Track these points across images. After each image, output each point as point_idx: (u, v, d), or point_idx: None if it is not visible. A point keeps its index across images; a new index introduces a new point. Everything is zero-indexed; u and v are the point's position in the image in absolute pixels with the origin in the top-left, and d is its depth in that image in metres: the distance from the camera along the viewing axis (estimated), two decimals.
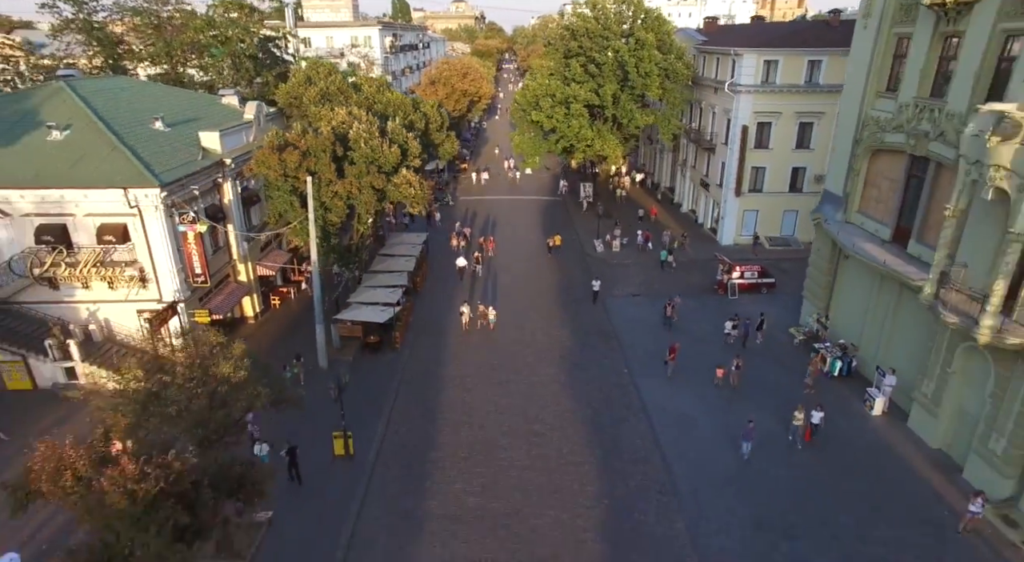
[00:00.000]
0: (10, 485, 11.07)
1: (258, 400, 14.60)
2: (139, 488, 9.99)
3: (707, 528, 17.30)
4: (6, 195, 22.49)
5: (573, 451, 20.75)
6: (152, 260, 23.72)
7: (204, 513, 11.10)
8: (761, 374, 25.06)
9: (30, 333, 23.30)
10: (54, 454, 10.99)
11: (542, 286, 34.86)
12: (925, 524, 17.25)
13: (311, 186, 23.40)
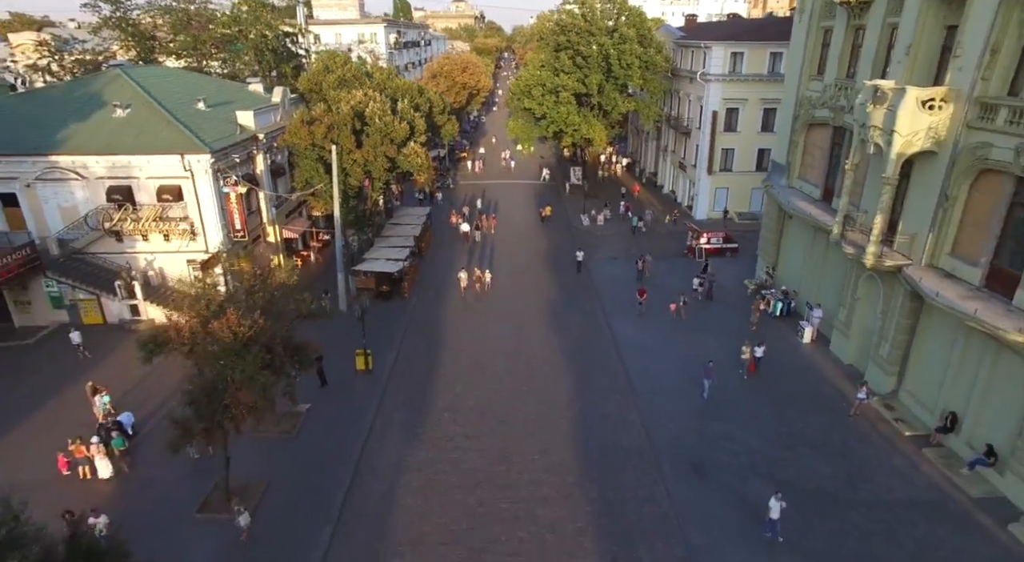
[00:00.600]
0: (142, 340, 15.85)
1: (303, 304, 19.33)
2: (239, 329, 14.78)
3: (656, 417, 22.04)
4: (84, 161, 27.36)
5: (553, 368, 25.53)
6: (201, 216, 28.57)
7: (278, 359, 15.90)
8: (718, 317, 29.86)
9: (101, 277, 28.13)
10: (174, 320, 15.81)
11: (533, 253, 39.66)
12: (828, 412, 22.03)
13: (336, 154, 28.25)
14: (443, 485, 18.77)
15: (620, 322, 29.46)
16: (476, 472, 19.32)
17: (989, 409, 18.31)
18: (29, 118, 28.79)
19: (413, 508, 17.82)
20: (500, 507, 17.85)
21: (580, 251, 36.84)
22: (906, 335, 21.69)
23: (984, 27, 17.63)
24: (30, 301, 27.80)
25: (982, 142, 17.94)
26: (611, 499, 18.09)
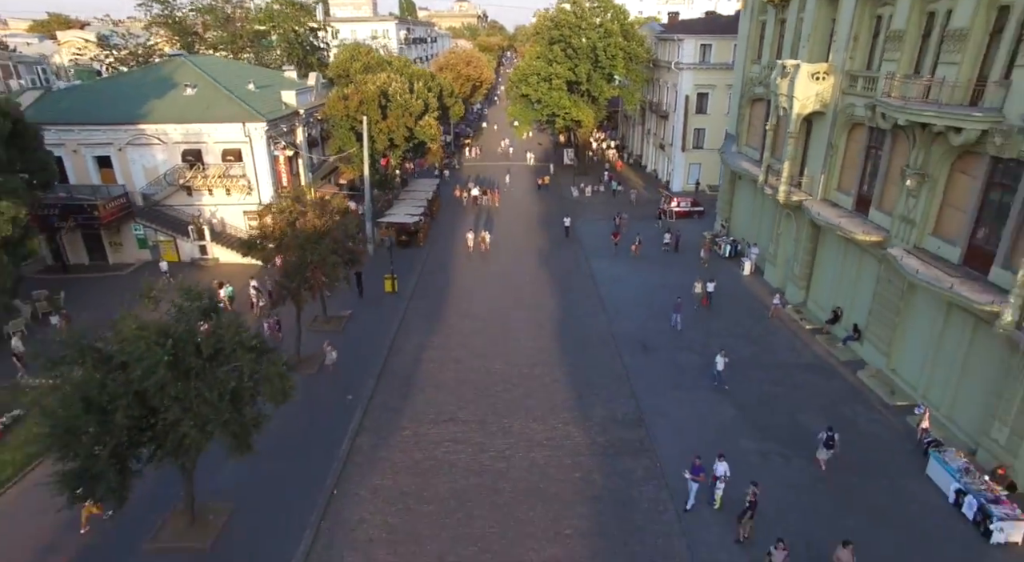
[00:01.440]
0: (244, 243, 22.88)
1: (352, 225, 26.37)
2: (319, 224, 21.86)
3: (618, 321, 28.90)
4: (164, 128, 34.47)
5: (542, 291, 32.49)
6: (256, 175, 35.65)
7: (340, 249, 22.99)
8: (680, 261, 36.75)
9: (176, 224, 35.22)
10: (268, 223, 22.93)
11: (528, 217, 46.62)
12: (753, 317, 28.92)
13: (366, 124, 35.34)
14: (455, 357, 25.74)
15: (597, 261, 36.47)
16: (481, 350, 26.28)
17: (858, 300, 25.23)
18: (117, 96, 35.94)
19: (433, 370, 24.78)
20: (499, 367, 24.81)
21: (567, 217, 43.59)
22: (810, 256, 28.65)
23: (848, 21, 24.63)
24: (121, 242, 34.93)
25: (849, 103, 24.92)
26: (581, 365, 25.02)
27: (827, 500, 17.26)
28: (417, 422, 21.29)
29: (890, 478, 18.13)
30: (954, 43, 19.13)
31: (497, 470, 18.80)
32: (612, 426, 20.99)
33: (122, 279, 33.17)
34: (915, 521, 16.45)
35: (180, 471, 15.42)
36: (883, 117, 21.65)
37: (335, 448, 19.60)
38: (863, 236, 23.31)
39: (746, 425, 20.68)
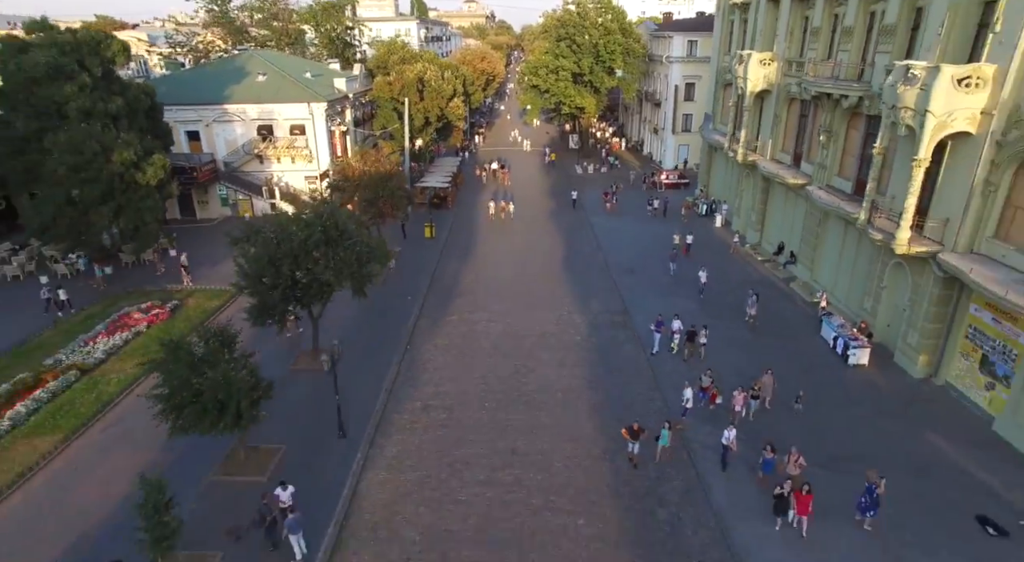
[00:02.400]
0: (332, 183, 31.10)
1: (403, 180, 34.67)
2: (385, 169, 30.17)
3: (612, 256, 37.04)
4: (243, 108, 42.89)
5: (553, 245, 40.56)
6: (316, 146, 44.01)
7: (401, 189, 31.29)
8: (665, 220, 44.88)
9: (251, 186, 43.62)
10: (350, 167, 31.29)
11: (540, 190, 54.87)
12: (720, 255, 37.01)
13: (407, 104, 43.70)
14: (484, 277, 33.99)
15: (597, 218, 44.70)
16: (503, 273, 34.51)
17: (794, 234, 33.30)
18: (203, 83, 44.42)
19: (468, 284, 33.02)
20: (518, 284, 33.00)
21: (575, 191, 51.75)
22: (762, 205, 36.79)
23: (785, 20, 32.85)
24: (207, 201, 43.34)
25: (787, 83, 33.09)
26: (582, 281, 33.20)
27: (754, 348, 25.39)
28: (460, 312, 29.58)
29: (796, 337, 26.31)
30: (847, 36, 27.34)
31: (520, 335, 27.04)
32: (603, 314, 29.20)
33: (211, 229, 41.49)
34: (808, 358, 24.58)
35: (310, 318, 23.72)
36: (805, 91, 29.84)
37: (404, 324, 27.87)
38: (794, 180, 31.47)
39: (702, 311, 28.79)
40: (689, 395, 20.39)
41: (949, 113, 19.64)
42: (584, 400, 22.22)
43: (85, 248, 31.82)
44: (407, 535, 16.15)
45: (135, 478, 13.95)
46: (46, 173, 29.12)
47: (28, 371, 22.61)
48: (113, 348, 24.87)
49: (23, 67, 28.68)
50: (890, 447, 19.04)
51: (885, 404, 21.48)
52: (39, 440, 19.29)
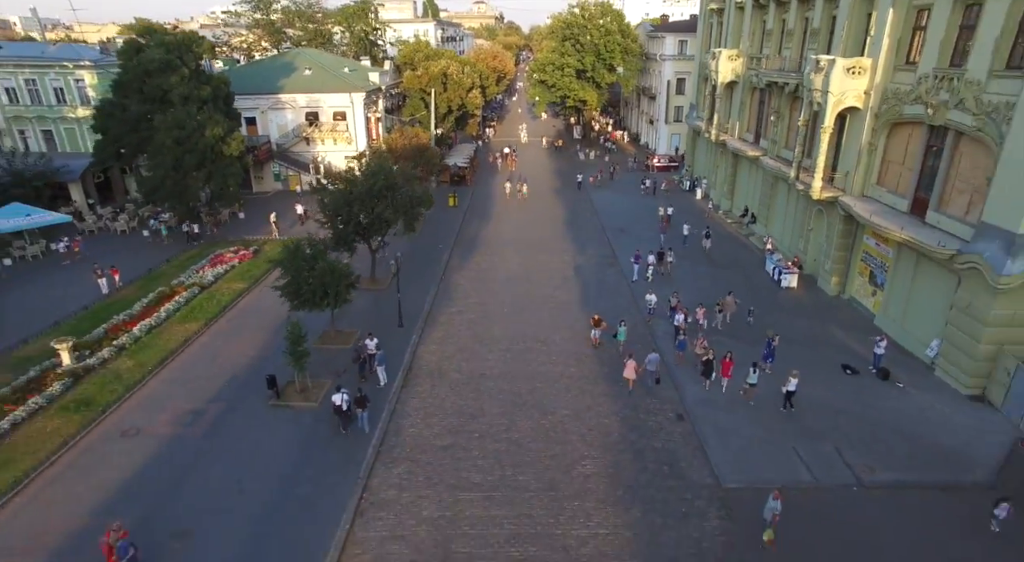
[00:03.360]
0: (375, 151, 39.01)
1: (435, 152, 42.56)
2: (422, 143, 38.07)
3: (608, 220, 44.79)
4: (294, 97, 51.06)
5: (557, 213, 48.35)
6: (355, 130, 52.09)
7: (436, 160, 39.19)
8: (656, 197, 52.66)
9: (299, 163, 51.74)
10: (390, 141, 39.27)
11: (547, 172, 62.75)
12: (698, 218, 44.65)
13: (433, 94, 51.72)
14: (501, 233, 41.89)
15: (595, 193, 52.54)
16: (517, 233, 42.37)
17: (755, 199, 40.96)
18: (258, 76, 52.60)
19: (488, 238, 40.92)
20: (529, 240, 40.84)
21: (580, 174, 59.46)
22: (732, 176, 44.51)
23: (748, 23, 40.63)
24: (262, 176, 51.50)
25: (750, 75, 40.83)
26: (580, 238, 41.00)
27: (715, 277, 33.10)
28: (481, 255, 37.54)
29: (747, 271, 34.08)
30: (789, 37, 35.10)
31: (528, 270, 34.94)
32: (595, 258, 37.08)
33: (265, 200, 49.66)
34: (754, 284, 32.27)
35: (370, 251, 31.64)
36: (761, 80, 37.61)
37: (438, 263, 35.81)
38: (753, 153, 39.21)
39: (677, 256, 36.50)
40: (653, 300, 28.14)
41: (843, 93, 27.37)
42: (575, 306, 30.05)
43: (180, 207, 39.88)
44: (452, 375, 24.06)
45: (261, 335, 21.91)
46: (154, 146, 37.27)
47: (162, 287, 30.72)
48: (217, 276, 32.91)
49: (142, 62, 36.89)
50: (801, 332, 26.74)
51: (804, 311, 29.19)
52: (188, 325, 27.34)
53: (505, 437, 20.18)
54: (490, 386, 23.31)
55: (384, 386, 22.81)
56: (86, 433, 20.03)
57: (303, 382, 22.17)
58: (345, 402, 19.75)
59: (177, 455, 19.13)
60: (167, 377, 23.75)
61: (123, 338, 25.51)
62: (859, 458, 18.62)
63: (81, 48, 51.45)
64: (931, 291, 23.81)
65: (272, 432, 20.32)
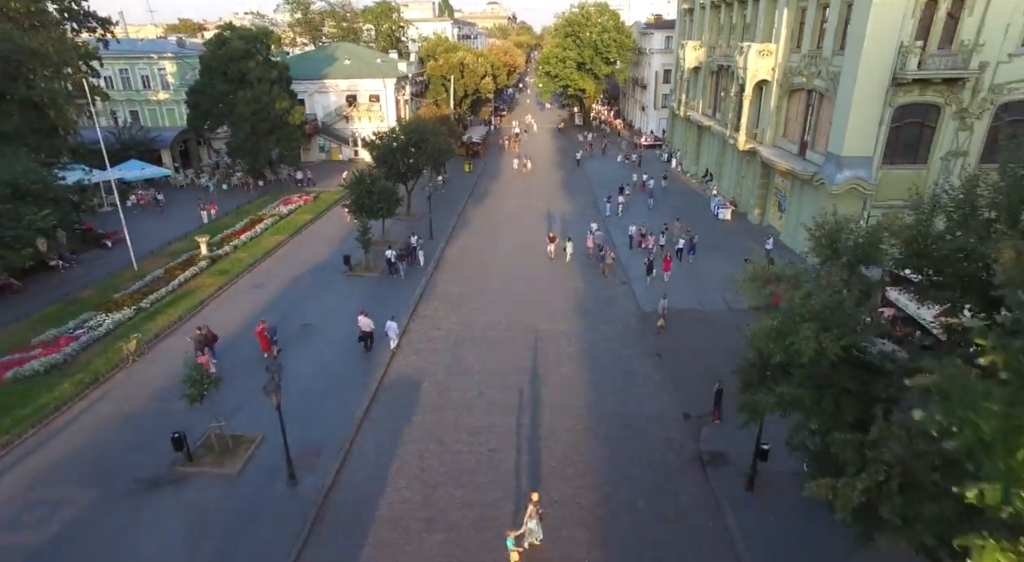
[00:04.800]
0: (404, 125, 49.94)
1: (455, 126, 53.41)
2: (445, 116, 48.88)
3: (595, 182, 55.43)
4: (336, 82, 62.29)
5: (554, 179, 59.18)
6: (387, 110, 63.17)
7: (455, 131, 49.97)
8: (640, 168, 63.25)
9: (339, 137, 62.92)
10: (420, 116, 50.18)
11: (550, 149, 73.56)
12: (670, 180, 55.24)
13: (452, 81, 62.71)
14: (508, 190, 52.70)
15: (589, 163, 63.22)
16: (521, 191, 53.16)
17: (711, 160, 51.39)
18: (306, 64, 63.83)
19: (497, 193, 51.76)
20: (531, 193, 51.61)
21: (578, 153, 70.07)
22: (697, 145, 54.99)
23: (708, 20, 51.24)
24: (310, 148, 62.68)
25: (710, 61, 51.36)
26: (571, 193, 51.69)
27: (663, 209, 43.59)
28: (490, 202, 48.33)
29: (695, 209, 44.55)
30: (733, 30, 45.64)
31: (526, 210, 45.68)
32: (582, 209, 47.71)
33: (315, 166, 60.79)
34: (700, 218, 42.69)
35: (407, 191, 42.49)
36: (715, 65, 48.15)
37: (456, 212, 46.59)
38: (708, 123, 49.71)
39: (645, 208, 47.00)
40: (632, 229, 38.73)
41: (757, 69, 37.87)
42: (556, 229, 40.76)
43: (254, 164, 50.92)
44: (467, 262, 34.96)
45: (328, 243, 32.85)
46: (235, 116, 48.43)
47: (250, 217, 41.78)
48: (289, 211, 43.94)
49: (227, 51, 48.12)
50: (728, 245, 37.18)
51: (732, 233, 39.65)
52: (277, 237, 38.38)
53: (502, 293, 30.94)
54: (493, 269, 34.15)
55: (423, 266, 33.69)
56: (230, 285, 31.15)
57: (368, 261, 33.05)
58: (393, 256, 30.90)
59: (290, 295, 30.14)
60: (271, 261, 34.88)
61: (235, 241, 36.58)
62: (733, 297, 29.13)
63: (163, 43, 63.11)
64: (809, 207, 34.19)
65: (349, 288, 31.25)
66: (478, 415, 20.54)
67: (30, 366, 21.71)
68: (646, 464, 18.21)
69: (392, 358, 24.26)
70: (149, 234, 37.96)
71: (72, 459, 18.25)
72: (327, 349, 24.87)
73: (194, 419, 18.53)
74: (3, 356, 22.63)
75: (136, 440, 18.95)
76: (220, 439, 18.23)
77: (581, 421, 20.21)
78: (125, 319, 26.27)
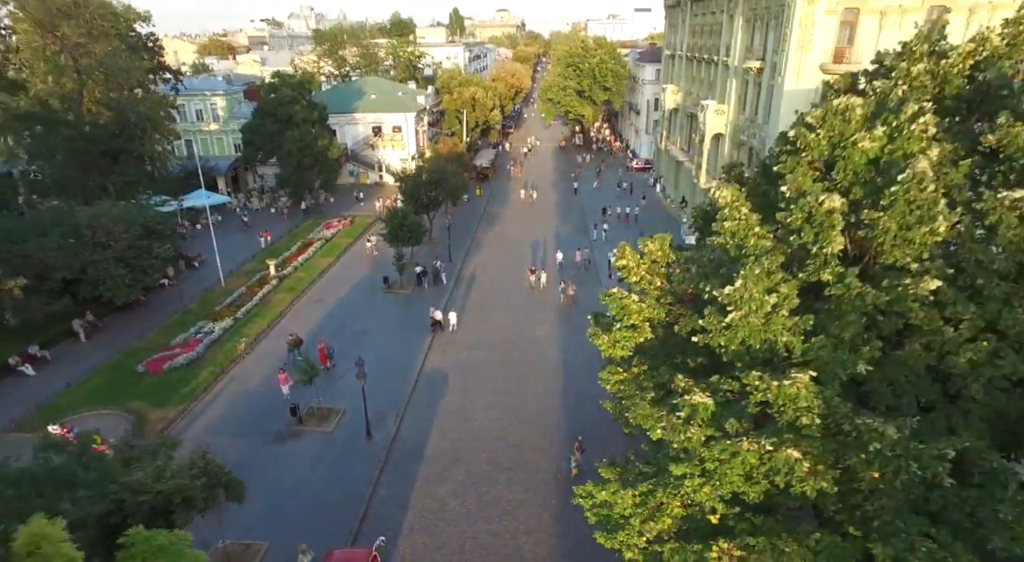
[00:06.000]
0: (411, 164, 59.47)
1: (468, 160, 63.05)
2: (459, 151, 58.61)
3: (588, 207, 64.97)
4: (364, 115, 72.16)
5: (553, 208, 68.74)
6: (407, 139, 72.97)
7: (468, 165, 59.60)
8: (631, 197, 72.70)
9: (366, 163, 72.77)
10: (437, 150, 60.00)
11: (551, 176, 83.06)
12: (652, 204, 64.70)
13: (465, 114, 72.41)
14: (512, 212, 62.32)
15: (584, 192, 72.74)
16: (522, 213, 62.78)
17: (686, 189, 60.74)
18: (337, 99, 73.65)
19: (503, 214, 61.40)
20: (530, 215, 61.23)
21: (576, 183, 79.31)
22: (676, 175, 64.34)
23: (683, 70, 60.60)
24: (339, 172, 72.50)
25: (686, 105, 60.70)
26: (566, 216, 61.25)
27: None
28: (498, 230, 57.95)
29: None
30: (700, 84, 55.02)
31: (528, 229, 55.27)
32: (574, 233, 57.24)
33: (342, 189, 70.60)
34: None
35: (429, 219, 52.34)
36: (687, 110, 57.55)
37: (469, 235, 56.23)
38: (682, 159, 59.08)
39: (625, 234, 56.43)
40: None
41: (713, 124, 47.25)
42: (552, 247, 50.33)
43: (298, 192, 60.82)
44: (480, 280, 44.60)
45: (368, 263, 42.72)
46: (283, 151, 58.28)
47: (301, 241, 51.59)
48: (331, 235, 53.74)
49: (278, 97, 57.94)
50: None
51: None
52: (325, 258, 48.25)
53: (509, 307, 40.54)
54: (499, 286, 43.77)
55: (445, 284, 43.44)
56: (297, 300, 41.01)
57: (401, 281, 42.79)
58: (420, 271, 41.02)
59: (344, 308, 39.94)
60: (325, 280, 44.79)
61: (294, 264, 46.40)
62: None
63: (215, 81, 73.15)
64: None
65: (389, 302, 41.02)
66: (486, 396, 30.19)
67: (178, 360, 31.59)
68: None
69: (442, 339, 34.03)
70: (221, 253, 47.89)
71: (222, 421, 28.09)
72: (379, 348, 34.56)
73: (295, 396, 28.32)
74: (156, 354, 32.52)
75: (260, 409, 28.74)
76: (319, 410, 27.99)
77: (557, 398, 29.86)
78: (228, 327, 36.10)
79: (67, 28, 38.41)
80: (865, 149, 10.59)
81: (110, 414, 28.09)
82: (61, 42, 39.77)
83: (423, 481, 24.57)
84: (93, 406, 28.80)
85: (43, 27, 38.14)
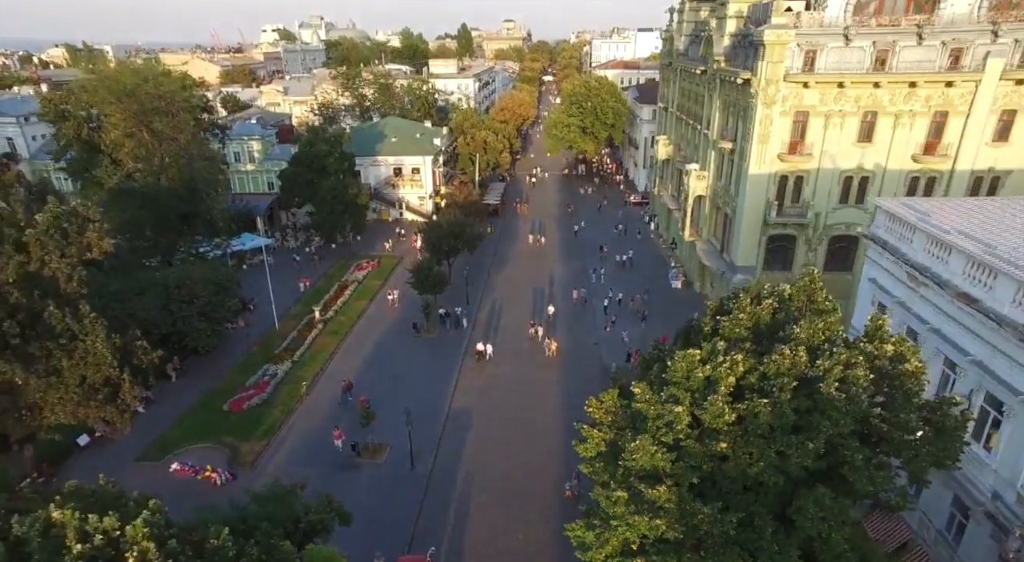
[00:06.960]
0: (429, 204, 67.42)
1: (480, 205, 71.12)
2: (471, 196, 66.57)
3: (587, 244, 72.90)
4: (386, 158, 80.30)
5: (558, 250, 76.65)
6: (425, 179, 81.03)
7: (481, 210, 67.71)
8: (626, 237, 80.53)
9: (387, 201, 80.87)
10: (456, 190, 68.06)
11: (555, 212, 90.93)
12: (645, 242, 72.53)
13: (478, 156, 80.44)
14: (520, 250, 70.32)
15: (581, 224, 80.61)
16: (529, 249, 70.76)
17: (675, 233, 68.54)
18: (361, 142, 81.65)
19: (513, 251, 69.39)
20: (536, 253, 69.20)
21: (576, 225, 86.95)
22: (667, 218, 72.17)
23: (674, 124, 68.46)
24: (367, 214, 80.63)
25: (675, 157, 68.54)
26: (567, 253, 69.22)
27: (635, 281, 61.01)
28: (508, 273, 65.93)
29: (657, 278, 61.90)
30: (689, 144, 62.88)
31: (537, 266, 63.24)
32: (574, 275, 65.17)
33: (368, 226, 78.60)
34: (658, 285, 60.00)
35: (448, 265, 60.43)
36: (677, 163, 65.44)
37: (483, 277, 64.26)
38: (671, 207, 66.91)
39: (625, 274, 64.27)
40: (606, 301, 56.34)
41: (695, 187, 55.08)
42: (559, 289, 58.20)
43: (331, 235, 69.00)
44: (494, 323, 52.59)
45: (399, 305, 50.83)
46: (318, 198, 66.36)
47: (338, 283, 59.69)
48: (362, 278, 61.80)
49: (314, 151, 66.01)
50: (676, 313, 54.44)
51: (681, 302, 56.82)
52: (361, 302, 56.34)
53: (519, 352, 48.48)
54: (509, 327, 51.75)
55: (465, 328, 51.48)
56: (341, 343, 49.14)
57: (429, 326, 50.83)
58: (443, 313, 49.06)
59: (380, 352, 48.01)
60: (362, 323, 52.91)
61: (334, 307, 54.47)
62: None
63: (251, 126, 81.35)
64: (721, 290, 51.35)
65: (418, 346, 49.10)
66: (499, 430, 38.19)
67: (255, 401, 39.73)
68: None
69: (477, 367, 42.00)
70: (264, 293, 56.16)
71: (296, 454, 36.21)
72: (413, 390, 42.56)
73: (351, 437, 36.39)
74: (235, 394, 40.68)
75: (324, 444, 36.80)
76: (372, 445, 36.08)
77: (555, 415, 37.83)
78: (288, 369, 44.21)
79: (159, 123, 46.53)
80: (700, 375, 18.05)
81: (209, 448, 36.29)
82: (153, 133, 48.04)
83: (456, 502, 32.64)
84: (192, 441, 36.99)
85: (139, 121, 46.13)
